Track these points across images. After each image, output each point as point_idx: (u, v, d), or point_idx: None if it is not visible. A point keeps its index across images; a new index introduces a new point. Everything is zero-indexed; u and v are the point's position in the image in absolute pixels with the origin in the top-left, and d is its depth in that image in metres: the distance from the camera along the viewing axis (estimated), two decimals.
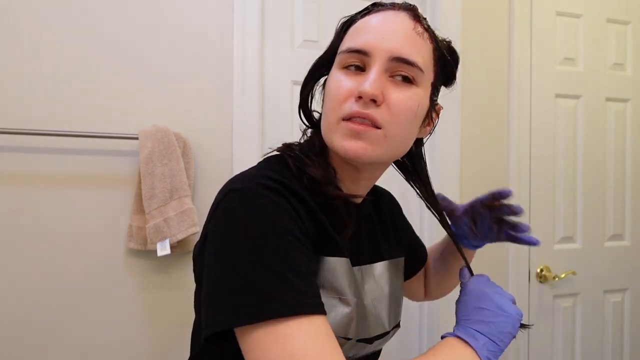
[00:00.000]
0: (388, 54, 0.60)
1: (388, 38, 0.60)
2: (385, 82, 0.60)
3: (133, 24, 1.30)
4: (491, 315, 0.62)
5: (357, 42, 0.61)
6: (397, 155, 0.66)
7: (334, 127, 0.61)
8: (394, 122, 0.60)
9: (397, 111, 0.60)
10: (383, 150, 0.61)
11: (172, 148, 1.24)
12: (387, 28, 0.61)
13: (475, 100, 1.62)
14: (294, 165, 0.63)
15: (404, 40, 0.60)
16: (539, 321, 1.70)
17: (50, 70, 1.24)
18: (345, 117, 0.60)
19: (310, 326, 0.50)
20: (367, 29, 0.62)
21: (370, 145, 0.60)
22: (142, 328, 1.31)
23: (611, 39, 1.80)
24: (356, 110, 0.59)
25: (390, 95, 0.60)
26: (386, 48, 0.60)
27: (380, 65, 0.60)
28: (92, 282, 1.27)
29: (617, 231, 1.81)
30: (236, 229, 0.53)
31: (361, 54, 0.61)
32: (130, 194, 1.29)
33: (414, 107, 0.61)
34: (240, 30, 1.37)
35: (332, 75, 0.64)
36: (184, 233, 1.23)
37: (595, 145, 1.78)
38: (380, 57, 0.60)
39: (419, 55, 0.61)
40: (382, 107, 0.60)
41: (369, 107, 0.59)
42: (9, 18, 1.22)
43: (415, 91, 0.62)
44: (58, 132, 1.20)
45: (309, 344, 0.49)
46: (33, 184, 1.24)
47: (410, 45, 0.60)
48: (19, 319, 1.22)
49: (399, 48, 0.60)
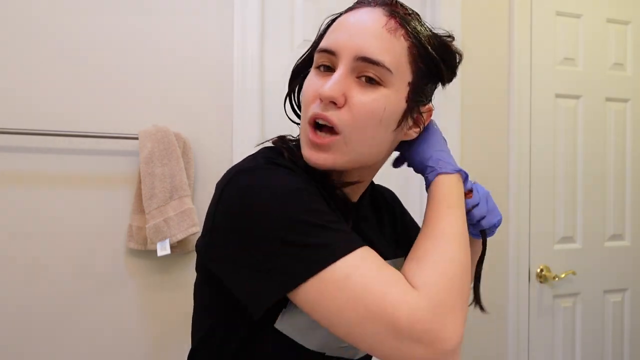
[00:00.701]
0: (353, 53, 0.58)
1: (355, 36, 0.58)
2: (349, 84, 0.58)
3: (133, 24, 1.30)
4: (445, 148, 0.69)
5: (327, 41, 0.60)
6: (371, 160, 0.64)
7: (304, 130, 0.61)
8: (355, 125, 0.58)
9: (358, 114, 0.58)
10: (347, 158, 0.60)
11: (172, 148, 1.24)
12: (357, 26, 0.59)
13: (475, 100, 1.62)
14: (288, 157, 0.63)
15: (370, 38, 0.58)
16: (539, 321, 1.70)
17: (50, 70, 1.24)
18: (310, 120, 0.59)
19: (362, 259, 0.51)
20: (339, 28, 0.61)
21: (332, 155, 0.59)
22: (142, 328, 1.31)
23: (611, 39, 1.80)
24: (317, 112, 0.58)
25: (352, 97, 0.58)
26: (351, 47, 0.58)
27: (345, 66, 0.58)
28: (92, 282, 1.27)
29: (617, 231, 1.81)
30: (258, 200, 0.53)
31: (329, 54, 0.59)
32: (130, 194, 1.29)
33: (379, 110, 0.59)
34: (240, 30, 1.37)
35: (308, 76, 0.64)
36: (184, 233, 1.23)
37: (595, 145, 1.78)
38: (345, 56, 0.58)
39: (387, 54, 0.58)
40: (343, 109, 0.58)
41: (328, 109, 0.58)
42: (9, 18, 1.22)
43: (382, 92, 0.59)
44: (58, 132, 1.20)
45: (368, 277, 0.50)
46: (33, 184, 1.24)
47: (377, 44, 0.58)
48: (19, 319, 1.22)
49: (363, 47, 0.58)
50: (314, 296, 0.51)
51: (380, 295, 0.49)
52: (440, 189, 0.63)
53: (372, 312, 0.49)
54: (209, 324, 0.66)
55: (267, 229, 0.52)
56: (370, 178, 0.71)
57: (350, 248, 0.52)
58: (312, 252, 0.51)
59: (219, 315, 0.63)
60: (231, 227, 0.55)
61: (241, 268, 0.54)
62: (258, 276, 0.53)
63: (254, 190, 0.54)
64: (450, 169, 0.65)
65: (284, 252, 0.51)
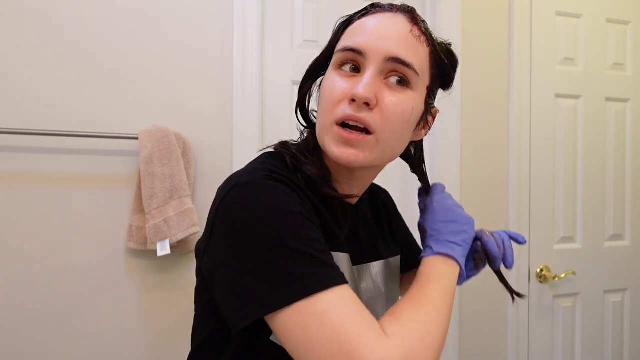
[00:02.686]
0: (383, 54, 0.59)
1: (384, 39, 0.60)
2: (379, 85, 0.60)
3: (133, 23, 1.30)
4: (458, 226, 0.68)
5: (353, 41, 0.61)
6: (391, 159, 0.67)
7: (328, 129, 0.61)
8: (386, 126, 0.60)
9: (390, 115, 0.60)
10: (375, 155, 0.62)
11: (172, 148, 1.24)
12: (384, 29, 0.60)
13: (475, 101, 1.62)
14: (290, 162, 0.63)
15: (399, 41, 0.60)
16: (539, 321, 1.70)
17: (50, 70, 1.24)
18: (339, 121, 0.60)
19: (341, 297, 0.51)
20: (363, 29, 0.62)
21: (362, 152, 0.61)
22: (142, 328, 1.31)
23: (611, 39, 1.80)
24: (350, 113, 0.59)
25: (384, 98, 0.60)
26: (382, 48, 0.59)
27: (375, 67, 0.59)
28: (92, 282, 1.27)
29: (617, 231, 1.81)
30: (249, 218, 0.53)
31: (356, 54, 0.60)
32: (130, 194, 1.29)
33: (408, 111, 0.61)
34: (240, 30, 1.37)
35: (328, 75, 0.64)
36: (184, 233, 1.23)
37: (595, 145, 1.78)
38: (375, 57, 0.59)
39: (415, 58, 0.61)
40: (375, 110, 0.59)
41: (361, 110, 0.59)
42: (9, 18, 1.22)
43: (410, 95, 0.61)
44: (58, 132, 1.20)
45: (344, 315, 0.50)
46: (33, 184, 1.24)
47: (406, 47, 0.60)
48: (19, 319, 1.22)
49: (394, 49, 0.59)
50: (289, 325, 0.51)
51: (355, 337, 0.49)
52: (422, 269, 0.65)
53: (345, 351, 0.48)
54: (207, 330, 0.66)
55: (253, 247, 0.52)
56: (375, 177, 0.72)
57: (333, 283, 0.51)
58: (294, 281, 0.51)
59: (217, 322, 0.63)
60: (223, 238, 0.56)
61: (224, 281, 0.55)
62: (238, 293, 0.53)
63: (247, 207, 0.54)
64: (430, 253, 0.66)
65: (267, 275, 0.51)
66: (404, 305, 0.57)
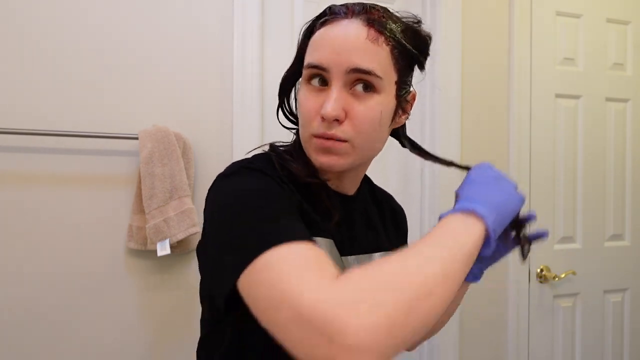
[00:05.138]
0: (344, 67, 0.61)
1: (343, 52, 0.61)
2: (346, 97, 0.62)
3: (133, 24, 1.31)
4: (497, 191, 0.61)
5: (315, 57, 0.63)
6: (372, 156, 0.70)
7: (308, 141, 0.66)
8: (359, 133, 0.63)
9: (360, 124, 0.63)
10: (353, 158, 0.65)
11: (172, 148, 1.24)
12: (341, 41, 0.62)
13: (475, 101, 1.62)
14: (277, 161, 0.67)
15: (357, 51, 0.61)
16: (539, 321, 1.70)
17: (50, 70, 1.24)
18: (315, 135, 0.64)
19: (290, 252, 0.49)
20: (323, 43, 0.63)
21: (340, 157, 0.64)
22: (141, 328, 1.31)
23: (611, 39, 1.80)
24: (322, 132, 0.63)
25: (352, 109, 0.62)
26: (342, 62, 0.61)
27: (338, 81, 0.62)
28: (92, 282, 1.27)
29: (617, 231, 1.81)
30: (223, 199, 0.59)
31: (320, 69, 0.63)
32: (130, 194, 1.29)
33: (377, 116, 0.64)
34: (240, 30, 1.37)
35: (301, 89, 0.67)
36: (184, 233, 1.23)
37: (595, 145, 1.78)
38: (337, 71, 0.62)
39: (375, 62, 0.62)
40: (345, 122, 0.62)
41: (332, 127, 0.62)
42: (10, 18, 1.22)
43: (377, 99, 0.63)
44: (58, 132, 1.20)
45: (295, 265, 0.48)
46: (33, 184, 1.24)
47: (365, 54, 0.61)
48: (19, 319, 1.22)
49: (353, 60, 0.61)
50: (248, 286, 0.50)
51: (296, 281, 0.46)
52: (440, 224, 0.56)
53: (284, 297, 0.46)
54: (209, 322, 0.70)
55: (221, 222, 0.58)
56: (366, 169, 0.75)
57: (285, 239, 0.50)
58: (250, 243, 0.52)
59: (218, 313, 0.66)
60: (206, 222, 0.63)
61: (207, 262, 0.63)
62: (215, 269, 0.58)
63: (222, 192, 0.61)
64: (449, 212, 0.58)
65: (231, 245, 0.54)
66: (386, 260, 0.49)
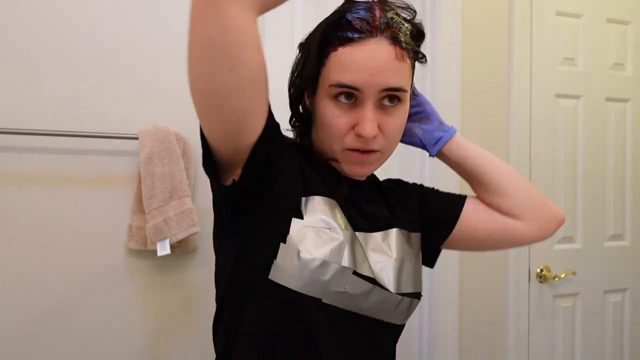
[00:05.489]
0: (378, 88, 0.65)
1: (376, 74, 0.65)
2: (377, 113, 0.67)
3: (133, 24, 1.30)
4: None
5: (348, 78, 0.65)
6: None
7: (340, 153, 0.70)
8: (390, 143, 0.71)
9: (391, 135, 0.70)
10: (381, 163, 0.73)
11: (172, 148, 1.24)
12: (374, 64, 0.65)
13: (475, 100, 1.62)
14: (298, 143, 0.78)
15: (389, 72, 0.65)
16: (539, 321, 1.70)
17: (50, 70, 1.24)
18: (351, 149, 0.69)
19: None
20: (354, 64, 0.65)
21: (372, 165, 0.72)
22: (141, 328, 1.31)
23: (611, 39, 1.80)
24: (360, 146, 0.68)
25: (384, 124, 0.68)
26: (376, 84, 0.65)
27: (370, 100, 0.66)
28: (92, 282, 1.27)
29: (617, 231, 1.82)
30: None
31: (351, 89, 0.66)
32: (130, 194, 1.29)
33: (403, 123, 0.71)
34: None
35: (325, 105, 0.68)
36: (184, 233, 1.23)
37: (595, 145, 1.78)
38: (370, 92, 0.65)
39: (403, 79, 0.67)
40: (379, 135, 0.68)
41: (369, 142, 0.67)
42: (9, 18, 1.22)
43: (402, 108, 0.70)
44: (58, 132, 1.20)
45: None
46: (33, 184, 1.24)
47: (396, 74, 0.66)
48: (19, 319, 1.22)
49: (386, 80, 0.65)
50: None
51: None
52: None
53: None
54: (221, 291, 0.73)
55: None
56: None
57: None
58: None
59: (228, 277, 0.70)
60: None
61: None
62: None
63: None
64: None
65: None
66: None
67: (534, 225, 0.86)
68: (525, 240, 0.88)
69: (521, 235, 0.86)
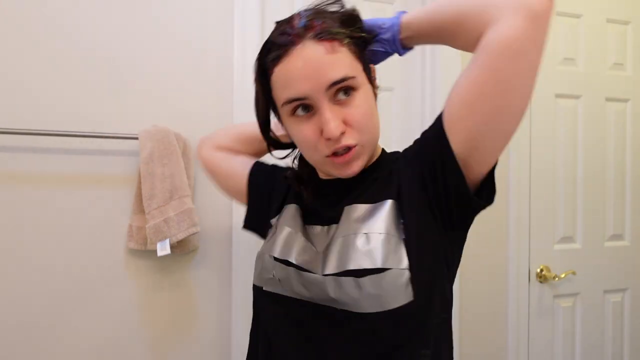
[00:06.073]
0: (322, 88, 0.65)
1: (313, 75, 0.65)
2: (337, 110, 0.67)
3: (134, 24, 1.31)
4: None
5: (292, 92, 0.67)
6: (378, 136, 0.74)
7: (322, 162, 0.71)
8: (363, 133, 0.68)
9: (359, 124, 0.68)
10: (367, 154, 0.71)
11: (172, 148, 1.24)
12: (307, 67, 0.65)
13: None
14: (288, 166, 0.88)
15: (325, 68, 0.65)
16: (539, 321, 1.70)
17: (50, 70, 1.24)
18: (329, 155, 0.69)
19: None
20: (290, 76, 0.66)
21: (358, 160, 0.70)
22: (141, 328, 1.31)
23: (611, 39, 1.80)
24: (334, 148, 0.68)
25: (346, 116, 0.67)
26: (318, 85, 0.65)
27: (323, 101, 0.66)
28: (92, 282, 1.27)
29: (617, 231, 1.81)
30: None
31: (301, 100, 0.67)
32: (130, 194, 1.29)
33: (368, 109, 0.69)
34: (240, 30, 1.37)
35: (290, 124, 0.71)
36: (184, 233, 1.23)
37: (595, 145, 1.78)
38: (318, 94, 0.66)
39: (344, 67, 0.66)
40: (347, 130, 0.67)
41: (341, 140, 0.67)
42: (9, 18, 1.22)
43: (360, 95, 0.68)
44: (58, 132, 1.20)
45: None
46: (33, 184, 1.24)
47: (332, 67, 0.65)
48: (19, 319, 1.22)
49: (326, 77, 0.65)
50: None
51: None
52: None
53: None
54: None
55: None
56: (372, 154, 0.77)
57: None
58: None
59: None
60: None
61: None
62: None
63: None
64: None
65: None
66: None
67: (509, 12, 0.60)
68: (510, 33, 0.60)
69: (504, 33, 0.60)
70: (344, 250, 0.68)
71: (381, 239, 0.66)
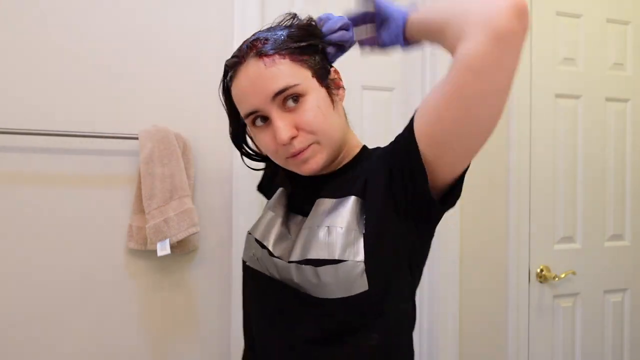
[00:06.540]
0: (267, 100, 0.71)
1: (257, 92, 0.71)
2: (287, 116, 0.72)
3: (133, 24, 1.31)
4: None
5: (246, 106, 0.74)
6: (341, 137, 0.77)
7: (285, 163, 0.76)
8: (315, 133, 0.72)
9: (310, 126, 0.72)
10: (327, 150, 0.75)
11: (172, 148, 1.24)
12: (251, 83, 0.72)
13: None
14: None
15: (266, 80, 0.71)
16: (539, 321, 1.70)
17: (50, 70, 1.24)
18: (289, 156, 0.74)
19: None
20: (241, 92, 0.74)
21: (317, 157, 0.74)
22: (141, 328, 1.31)
23: (611, 39, 1.80)
24: (290, 152, 0.73)
25: (298, 122, 0.72)
26: (262, 99, 0.71)
27: (272, 110, 0.72)
28: (92, 282, 1.27)
29: (617, 231, 1.81)
30: None
31: (254, 114, 0.74)
32: (130, 194, 1.29)
33: (317, 111, 0.72)
34: (240, 31, 1.37)
35: (254, 134, 0.78)
36: (184, 233, 1.23)
37: (595, 145, 1.78)
38: (265, 106, 0.71)
39: (284, 77, 0.70)
40: (299, 133, 0.72)
41: (294, 144, 0.72)
42: (10, 18, 1.22)
43: (308, 100, 0.72)
44: (58, 132, 1.20)
45: None
46: (33, 184, 1.24)
47: (273, 79, 0.70)
48: (19, 319, 1.23)
49: (268, 89, 0.70)
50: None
51: None
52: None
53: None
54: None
55: None
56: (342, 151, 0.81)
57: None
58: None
59: None
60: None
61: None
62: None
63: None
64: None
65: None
66: None
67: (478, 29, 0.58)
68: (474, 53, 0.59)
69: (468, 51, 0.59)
70: (307, 240, 0.74)
71: (341, 232, 0.72)
